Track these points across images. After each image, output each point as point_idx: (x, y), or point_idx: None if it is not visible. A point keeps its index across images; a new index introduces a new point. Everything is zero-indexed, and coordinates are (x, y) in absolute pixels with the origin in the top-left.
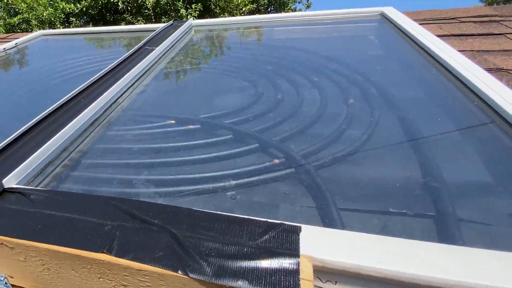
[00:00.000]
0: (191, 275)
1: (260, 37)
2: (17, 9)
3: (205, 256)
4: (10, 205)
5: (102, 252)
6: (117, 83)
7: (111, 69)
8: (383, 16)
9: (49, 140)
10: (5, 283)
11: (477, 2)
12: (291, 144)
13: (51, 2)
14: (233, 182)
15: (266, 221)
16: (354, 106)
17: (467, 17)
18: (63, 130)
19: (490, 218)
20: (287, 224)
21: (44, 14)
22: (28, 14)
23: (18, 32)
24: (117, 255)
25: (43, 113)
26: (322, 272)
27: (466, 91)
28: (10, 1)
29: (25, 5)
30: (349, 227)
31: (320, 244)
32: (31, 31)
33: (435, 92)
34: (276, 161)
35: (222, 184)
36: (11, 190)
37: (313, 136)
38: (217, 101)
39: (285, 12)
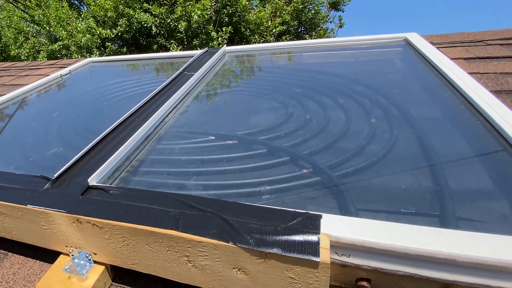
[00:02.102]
0: (238, 244)
1: (290, 62)
2: (57, 36)
3: (249, 232)
4: (96, 197)
5: (172, 228)
6: (164, 105)
7: (157, 93)
8: (407, 41)
9: (116, 150)
10: (89, 259)
11: None
12: (318, 157)
13: (88, 28)
14: (268, 188)
15: (295, 210)
16: (375, 125)
17: (494, 39)
18: (126, 142)
19: (478, 216)
20: (311, 213)
21: (83, 40)
22: (68, 40)
23: (58, 57)
24: (182, 231)
25: (108, 130)
26: (337, 247)
27: (471, 109)
28: (52, 29)
29: (65, 32)
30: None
31: (336, 226)
32: (70, 56)
33: (445, 112)
34: (305, 170)
35: (258, 189)
36: (94, 187)
37: (338, 150)
38: (251, 120)
39: (316, 32)
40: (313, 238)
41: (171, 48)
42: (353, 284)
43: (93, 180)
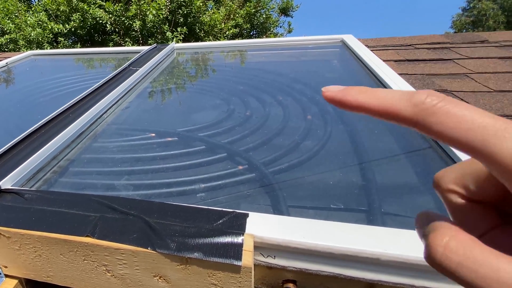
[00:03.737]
0: (158, 250)
1: (235, 60)
2: (5, 29)
3: (170, 236)
4: (6, 202)
5: (87, 236)
6: (102, 100)
7: (98, 87)
8: (343, 43)
9: (40, 149)
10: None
11: (448, 29)
12: (255, 153)
13: (39, 23)
14: (202, 185)
15: (221, 210)
16: (310, 121)
17: (422, 44)
18: (53, 140)
19: (403, 211)
20: (238, 212)
21: (32, 35)
22: (16, 34)
23: (6, 51)
24: (98, 238)
25: (35, 126)
26: (263, 248)
27: None
28: None
29: (13, 25)
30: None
31: (262, 226)
32: (19, 51)
33: None
34: (240, 167)
35: (193, 187)
36: (7, 191)
37: (274, 146)
38: (193, 117)
39: (266, 36)
40: (236, 239)
41: (126, 46)
42: (279, 286)
43: (6, 183)
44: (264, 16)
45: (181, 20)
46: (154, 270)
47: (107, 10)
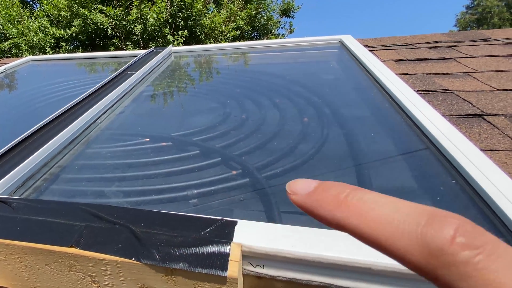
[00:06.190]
0: (142, 261)
1: (233, 62)
2: (7, 34)
3: (156, 246)
4: None
5: (71, 246)
6: (96, 105)
7: (93, 92)
8: (342, 43)
9: (30, 156)
10: None
11: (452, 27)
12: (250, 158)
13: (41, 28)
14: (195, 191)
15: (210, 218)
16: (307, 124)
17: (423, 43)
18: (43, 147)
19: None
20: (226, 219)
21: (35, 40)
22: (19, 39)
23: (8, 57)
24: (83, 248)
25: (26, 133)
26: (252, 257)
27: (397, 108)
28: (1, 27)
29: (16, 30)
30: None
31: (251, 234)
32: (21, 56)
33: (372, 112)
34: (234, 172)
35: (185, 193)
36: None
37: (269, 150)
38: (189, 121)
39: (268, 37)
40: (223, 249)
41: (127, 50)
42: None
43: None
44: (265, 17)
45: (182, 23)
46: (139, 281)
47: (108, 14)
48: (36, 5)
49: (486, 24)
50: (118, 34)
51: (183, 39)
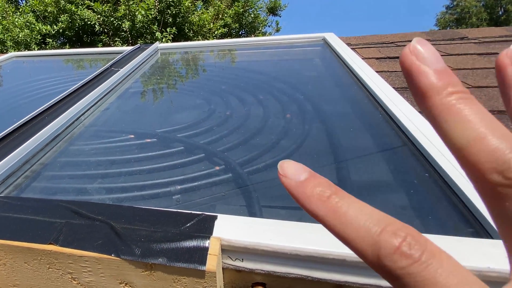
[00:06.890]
0: (122, 256)
1: (218, 60)
2: None
3: (136, 241)
4: None
5: (50, 243)
6: (80, 101)
7: (77, 89)
8: (325, 41)
9: (11, 153)
10: None
11: (432, 27)
12: (232, 153)
13: (27, 24)
14: (179, 187)
15: (191, 212)
16: (290, 120)
17: (404, 41)
18: (24, 144)
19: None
20: (206, 214)
21: (20, 36)
22: (4, 35)
23: None
24: (62, 245)
25: (7, 130)
26: (231, 251)
27: (376, 105)
28: None
29: (1, 26)
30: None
31: (229, 228)
32: (6, 52)
33: (353, 108)
34: (217, 168)
35: (168, 189)
36: None
37: (252, 146)
38: (173, 117)
39: (255, 35)
40: (202, 243)
41: (115, 46)
42: None
43: None
44: (252, 15)
45: (170, 20)
46: (119, 277)
47: (96, 10)
48: (21, 1)
49: (464, 23)
50: (106, 30)
51: (172, 36)
